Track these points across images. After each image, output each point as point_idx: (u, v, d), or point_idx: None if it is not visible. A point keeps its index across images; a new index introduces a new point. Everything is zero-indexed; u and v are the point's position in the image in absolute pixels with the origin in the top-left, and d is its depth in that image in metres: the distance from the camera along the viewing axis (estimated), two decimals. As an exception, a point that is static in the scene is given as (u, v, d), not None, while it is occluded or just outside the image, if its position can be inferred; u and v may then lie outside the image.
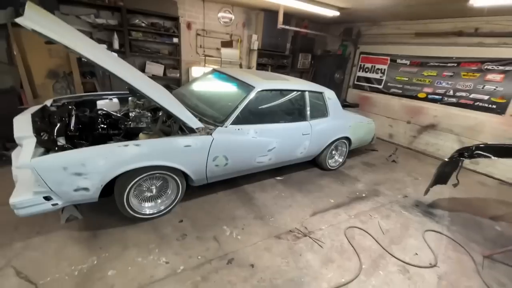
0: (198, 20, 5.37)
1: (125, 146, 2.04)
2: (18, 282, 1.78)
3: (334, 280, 2.04)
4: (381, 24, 5.93)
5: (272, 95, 3.10)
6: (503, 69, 4.29)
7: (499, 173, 4.51)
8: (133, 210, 2.31)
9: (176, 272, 1.96)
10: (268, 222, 2.64)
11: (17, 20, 1.55)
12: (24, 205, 1.85)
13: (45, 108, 2.74)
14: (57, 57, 3.83)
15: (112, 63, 2.05)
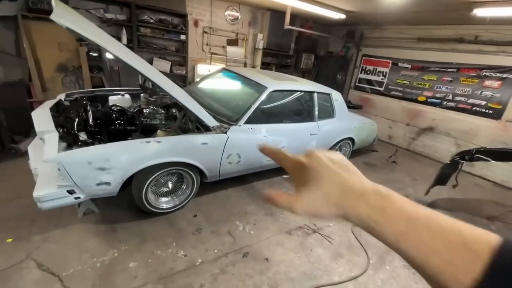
0: (205, 18, 5.40)
1: (147, 142, 2.10)
2: (40, 274, 1.83)
3: (345, 274, 2.16)
4: (383, 28, 6.06)
5: (283, 95, 3.19)
6: (501, 76, 4.47)
7: (493, 175, 4.70)
8: (150, 204, 2.37)
9: (195, 264, 2.04)
10: (278, 218, 2.74)
11: (51, 17, 1.59)
12: (48, 198, 1.90)
13: (60, 103, 2.77)
14: (66, 51, 3.83)
15: (140, 63, 2.10)
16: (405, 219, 0.30)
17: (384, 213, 0.31)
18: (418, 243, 0.28)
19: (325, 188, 0.35)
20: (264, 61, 6.30)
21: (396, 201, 0.32)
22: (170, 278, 1.89)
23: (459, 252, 0.27)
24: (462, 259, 0.26)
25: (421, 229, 0.29)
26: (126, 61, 1.95)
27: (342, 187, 0.34)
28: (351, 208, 0.33)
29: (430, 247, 0.28)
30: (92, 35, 1.79)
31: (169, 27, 4.87)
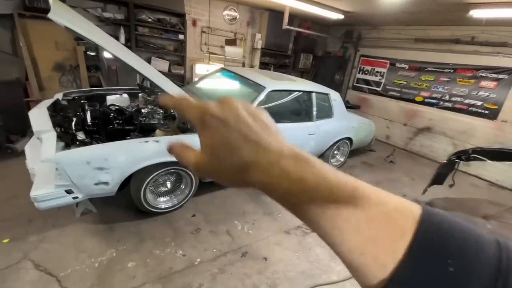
0: (204, 18, 5.39)
1: (146, 142, 2.10)
2: (38, 275, 1.82)
3: (343, 273, 2.17)
4: (381, 28, 6.09)
5: (281, 95, 3.19)
6: (496, 77, 4.52)
7: (489, 175, 4.75)
8: (149, 204, 2.37)
9: (193, 264, 2.04)
10: (276, 218, 2.74)
11: (49, 15, 1.58)
12: (45, 198, 1.89)
13: (57, 102, 2.75)
14: (64, 50, 3.81)
15: (138, 63, 2.10)
16: (327, 190, 0.25)
17: (303, 183, 0.25)
18: (339, 218, 0.24)
19: (237, 148, 0.28)
20: (263, 61, 6.30)
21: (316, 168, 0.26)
22: (168, 277, 1.89)
23: (382, 228, 0.23)
24: (385, 236, 0.23)
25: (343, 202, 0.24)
26: (125, 60, 1.95)
27: (256, 150, 0.27)
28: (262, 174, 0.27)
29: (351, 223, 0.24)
30: (90, 34, 1.78)
31: (168, 27, 4.86)
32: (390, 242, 0.22)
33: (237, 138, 0.28)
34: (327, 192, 0.25)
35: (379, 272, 0.22)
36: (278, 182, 0.26)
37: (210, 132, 0.29)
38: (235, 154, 0.28)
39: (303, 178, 0.25)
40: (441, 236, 0.22)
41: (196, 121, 0.31)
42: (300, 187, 0.25)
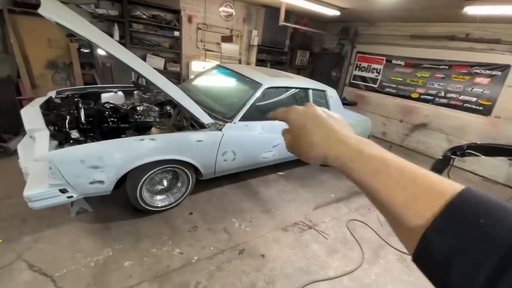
0: (199, 14, 5.33)
1: (141, 140, 2.07)
2: (32, 276, 1.79)
3: (340, 269, 2.18)
4: (377, 25, 6.09)
5: (278, 92, 3.18)
6: (490, 73, 4.55)
7: (483, 170, 4.81)
8: (145, 202, 2.35)
9: (191, 262, 2.03)
10: (274, 215, 2.75)
11: (39, 11, 1.55)
12: (39, 197, 1.86)
13: (50, 100, 2.71)
14: (56, 47, 3.74)
15: (132, 59, 2.06)
16: (379, 159, 0.33)
17: (360, 153, 0.34)
18: (389, 179, 0.31)
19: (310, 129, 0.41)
20: (259, 58, 6.27)
21: (374, 146, 0.35)
22: (166, 276, 1.88)
23: (424, 189, 0.29)
24: (426, 196, 0.28)
25: (393, 168, 0.32)
26: (119, 57, 1.92)
27: (327, 131, 0.39)
28: (331, 149, 0.37)
29: (399, 183, 0.30)
30: (82, 30, 1.75)
31: (163, 23, 4.80)
32: (431, 200, 0.28)
33: (313, 125, 0.41)
34: (381, 160, 0.33)
35: (419, 221, 0.27)
36: (341, 152, 0.36)
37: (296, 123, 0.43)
38: (312, 135, 0.40)
39: (362, 149, 0.35)
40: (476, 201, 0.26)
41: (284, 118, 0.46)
42: (359, 155, 0.34)
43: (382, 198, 0.31)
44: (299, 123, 0.42)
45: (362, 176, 0.34)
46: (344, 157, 0.36)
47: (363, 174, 0.33)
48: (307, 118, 0.42)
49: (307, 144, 0.41)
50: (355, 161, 0.34)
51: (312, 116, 0.42)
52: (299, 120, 0.42)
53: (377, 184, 0.32)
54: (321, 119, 0.41)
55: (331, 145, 0.38)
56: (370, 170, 0.33)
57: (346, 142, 0.37)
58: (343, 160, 0.36)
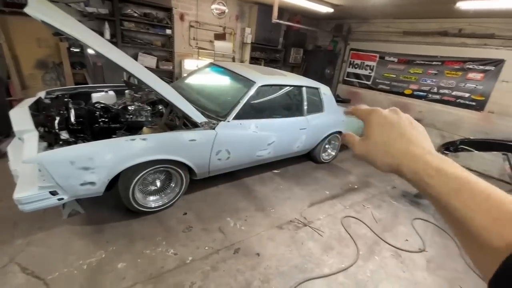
0: (191, 12, 5.28)
1: (132, 140, 2.04)
2: (25, 279, 1.76)
3: (335, 266, 2.19)
4: (371, 22, 6.10)
5: (272, 90, 3.17)
6: (483, 68, 4.59)
7: (476, 165, 4.86)
8: (138, 203, 2.32)
9: (185, 262, 2.02)
10: (269, 214, 2.74)
11: (25, 10, 1.51)
12: (29, 200, 1.83)
13: (40, 101, 2.66)
14: (46, 47, 3.67)
15: (122, 58, 2.02)
16: (461, 178, 0.32)
17: (441, 170, 0.33)
18: (471, 200, 0.30)
19: (391, 136, 0.39)
20: (253, 55, 6.24)
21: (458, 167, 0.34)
22: (160, 277, 1.87)
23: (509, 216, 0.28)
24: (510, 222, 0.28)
25: (478, 190, 0.30)
26: (107, 55, 1.88)
27: (409, 144, 0.38)
28: (410, 162, 0.36)
29: (482, 206, 0.29)
30: (69, 28, 1.71)
31: (154, 21, 4.74)
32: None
33: (396, 134, 0.39)
34: (465, 180, 0.31)
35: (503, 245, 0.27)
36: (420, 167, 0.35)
37: (376, 126, 0.41)
38: (391, 144, 0.39)
39: (443, 168, 0.33)
40: None
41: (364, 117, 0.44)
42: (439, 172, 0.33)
43: (460, 217, 0.30)
44: (382, 128, 0.40)
45: (440, 193, 0.32)
46: (422, 173, 0.34)
47: (442, 191, 0.32)
48: (392, 125, 0.40)
49: (384, 152, 0.39)
50: (434, 177, 0.33)
51: (397, 125, 0.40)
52: (382, 126, 0.40)
53: (457, 203, 0.31)
54: (406, 130, 0.39)
55: (410, 158, 0.36)
56: (450, 189, 0.32)
57: (427, 158, 0.35)
58: (421, 175, 0.35)
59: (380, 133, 0.40)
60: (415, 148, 0.37)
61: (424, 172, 0.34)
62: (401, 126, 0.40)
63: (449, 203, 0.31)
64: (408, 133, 0.39)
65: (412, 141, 0.38)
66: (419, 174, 0.35)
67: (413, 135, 0.39)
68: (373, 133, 0.41)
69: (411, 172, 0.36)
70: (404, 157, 0.37)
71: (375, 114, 0.42)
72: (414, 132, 0.39)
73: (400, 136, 0.39)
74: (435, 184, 0.33)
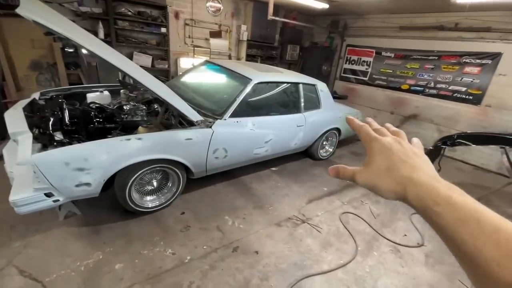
0: (186, 10, 5.24)
1: (127, 140, 2.03)
2: (23, 281, 1.75)
3: (334, 262, 2.19)
4: (366, 17, 6.08)
5: (268, 87, 3.15)
6: (480, 62, 4.59)
7: (474, 159, 4.88)
8: (135, 204, 2.31)
9: (183, 262, 2.01)
10: (267, 211, 2.73)
11: (17, 10, 1.49)
12: (24, 202, 1.81)
13: (34, 102, 2.63)
14: (40, 47, 3.62)
15: (115, 57, 2.00)
16: (472, 209, 0.30)
17: (449, 199, 0.32)
18: (479, 232, 0.28)
19: (394, 163, 0.38)
20: (249, 53, 6.21)
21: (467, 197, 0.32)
22: (158, 277, 1.86)
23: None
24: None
25: (487, 222, 0.29)
26: (101, 55, 1.85)
27: (410, 168, 0.37)
28: (416, 187, 0.35)
29: (491, 238, 0.28)
30: (61, 28, 1.68)
31: (149, 20, 4.70)
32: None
33: (398, 160, 0.38)
34: (472, 210, 0.30)
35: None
36: (425, 195, 0.34)
37: (378, 154, 0.40)
38: (394, 171, 0.38)
39: (451, 196, 0.32)
40: None
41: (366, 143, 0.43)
42: (446, 200, 0.32)
43: (468, 249, 0.29)
44: (384, 154, 0.39)
45: (447, 222, 0.31)
46: (429, 200, 0.33)
47: (449, 220, 0.31)
48: (393, 152, 0.39)
49: (388, 179, 0.38)
50: (441, 205, 0.32)
51: (399, 151, 0.39)
52: (384, 152, 0.40)
53: (464, 234, 0.29)
54: (409, 156, 0.39)
55: (416, 184, 0.35)
56: (458, 218, 0.30)
57: (434, 185, 0.34)
58: (427, 203, 0.33)
59: (382, 159, 0.39)
60: (421, 174, 0.36)
61: (431, 200, 0.33)
62: (404, 153, 0.39)
63: (456, 233, 0.30)
64: (411, 159, 0.38)
65: (416, 167, 0.37)
66: (426, 201, 0.33)
67: (416, 162, 0.38)
68: (375, 160, 0.40)
69: (417, 199, 0.35)
70: (410, 182, 0.36)
71: (376, 142, 0.41)
72: (417, 159, 0.39)
73: (403, 163, 0.38)
74: (442, 213, 0.32)
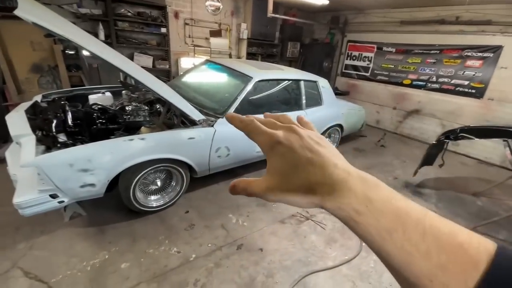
0: (186, 9, 5.23)
1: (130, 140, 2.03)
2: (28, 283, 1.76)
3: (339, 258, 2.19)
4: (367, 12, 6.04)
5: (269, 85, 3.14)
6: (482, 55, 4.55)
7: (477, 153, 4.85)
8: (139, 203, 2.32)
9: (189, 260, 2.02)
10: (271, 209, 2.74)
11: (15, 12, 1.49)
12: (29, 204, 1.82)
13: (36, 104, 2.64)
14: (40, 50, 3.63)
15: (116, 58, 2.01)
16: (394, 214, 0.26)
17: (369, 204, 0.27)
18: (407, 243, 0.24)
19: (303, 170, 0.30)
20: (250, 51, 6.20)
21: (384, 191, 0.28)
22: (164, 276, 1.87)
23: (453, 257, 0.23)
24: (456, 265, 0.22)
25: (412, 227, 0.25)
26: (102, 56, 1.86)
27: (323, 170, 0.29)
28: (331, 195, 0.28)
29: (419, 248, 0.24)
30: (60, 29, 1.69)
31: (148, 20, 4.70)
32: (462, 272, 0.22)
33: (304, 161, 0.30)
34: (394, 216, 0.25)
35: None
36: (344, 201, 0.27)
37: (279, 158, 0.31)
38: (302, 176, 0.30)
39: (370, 198, 0.27)
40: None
41: (264, 147, 0.32)
42: (367, 207, 0.26)
43: (397, 265, 0.25)
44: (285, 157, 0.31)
45: (370, 234, 0.26)
46: (348, 208, 0.27)
47: (372, 231, 0.26)
48: (294, 150, 0.30)
49: (299, 187, 0.30)
50: (362, 213, 0.26)
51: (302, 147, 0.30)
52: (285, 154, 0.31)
53: (390, 247, 0.25)
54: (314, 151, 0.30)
55: (330, 188, 0.28)
56: (381, 230, 0.25)
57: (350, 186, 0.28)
58: (347, 211, 0.27)
59: (286, 164, 0.31)
60: (333, 171, 0.29)
61: (349, 207, 0.27)
62: (308, 147, 0.30)
63: (382, 248, 0.25)
64: (319, 154, 0.30)
65: (326, 164, 0.29)
66: (345, 209, 0.27)
67: (325, 156, 0.30)
68: (277, 167, 0.31)
69: (335, 208, 0.28)
70: (323, 188, 0.29)
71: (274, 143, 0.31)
72: (325, 151, 0.31)
73: (310, 162, 0.29)
74: (363, 222, 0.26)
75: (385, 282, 2.03)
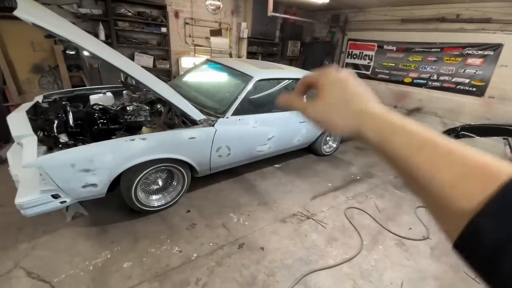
0: (186, 9, 5.22)
1: (132, 140, 2.04)
2: (31, 283, 1.77)
3: (339, 257, 2.20)
4: (367, 11, 6.02)
5: (270, 84, 3.14)
6: (482, 53, 4.54)
7: (478, 151, 4.84)
8: (141, 203, 2.33)
9: (190, 259, 2.03)
10: (272, 208, 2.74)
11: (15, 13, 1.49)
12: (31, 204, 1.83)
13: (37, 105, 2.65)
14: (41, 50, 3.64)
15: (117, 58, 2.01)
16: (424, 134, 0.30)
17: (403, 126, 0.32)
18: (435, 155, 0.28)
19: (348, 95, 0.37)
20: (250, 50, 6.20)
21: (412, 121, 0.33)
22: (165, 275, 1.88)
23: (475, 169, 0.25)
24: (477, 176, 0.25)
25: (440, 144, 0.28)
26: (102, 56, 1.86)
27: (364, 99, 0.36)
28: (372, 120, 0.34)
29: (445, 160, 0.27)
30: (60, 29, 1.69)
31: (149, 20, 4.70)
32: (482, 181, 0.24)
33: (351, 92, 0.37)
34: (426, 135, 0.30)
35: (467, 204, 0.24)
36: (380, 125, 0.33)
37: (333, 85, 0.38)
38: (349, 103, 0.36)
39: (406, 124, 0.32)
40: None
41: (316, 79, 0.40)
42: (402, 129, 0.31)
43: (423, 176, 0.28)
44: (336, 87, 0.38)
45: (403, 151, 0.30)
46: (385, 130, 0.32)
47: (405, 148, 0.30)
48: (345, 83, 0.38)
49: (342, 113, 0.37)
50: (397, 134, 0.31)
51: (350, 82, 0.38)
52: (336, 84, 0.38)
53: (419, 160, 0.29)
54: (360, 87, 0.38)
55: (372, 117, 0.34)
56: (413, 146, 0.30)
57: (390, 115, 0.34)
58: (384, 134, 0.32)
59: (336, 92, 0.38)
60: (375, 106, 0.35)
61: (388, 130, 0.32)
62: (354, 84, 0.38)
63: (412, 161, 0.29)
64: (366, 91, 0.38)
65: (369, 99, 0.37)
66: (383, 133, 0.33)
67: (368, 94, 0.37)
68: (328, 94, 0.38)
69: (373, 131, 0.34)
70: (366, 116, 0.35)
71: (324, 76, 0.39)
72: (367, 90, 0.38)
73: (357, 94, 0.37)
74: (398, 141, 0.31)
75: (385, 280, 2.04)
